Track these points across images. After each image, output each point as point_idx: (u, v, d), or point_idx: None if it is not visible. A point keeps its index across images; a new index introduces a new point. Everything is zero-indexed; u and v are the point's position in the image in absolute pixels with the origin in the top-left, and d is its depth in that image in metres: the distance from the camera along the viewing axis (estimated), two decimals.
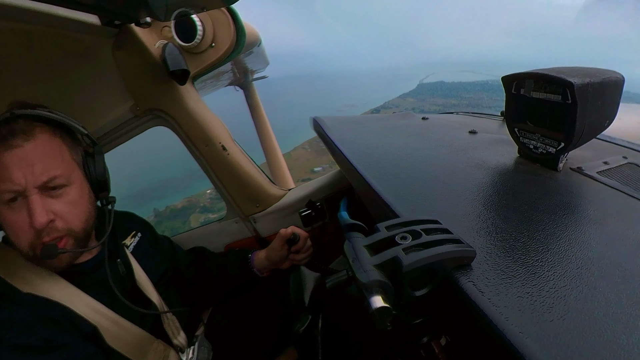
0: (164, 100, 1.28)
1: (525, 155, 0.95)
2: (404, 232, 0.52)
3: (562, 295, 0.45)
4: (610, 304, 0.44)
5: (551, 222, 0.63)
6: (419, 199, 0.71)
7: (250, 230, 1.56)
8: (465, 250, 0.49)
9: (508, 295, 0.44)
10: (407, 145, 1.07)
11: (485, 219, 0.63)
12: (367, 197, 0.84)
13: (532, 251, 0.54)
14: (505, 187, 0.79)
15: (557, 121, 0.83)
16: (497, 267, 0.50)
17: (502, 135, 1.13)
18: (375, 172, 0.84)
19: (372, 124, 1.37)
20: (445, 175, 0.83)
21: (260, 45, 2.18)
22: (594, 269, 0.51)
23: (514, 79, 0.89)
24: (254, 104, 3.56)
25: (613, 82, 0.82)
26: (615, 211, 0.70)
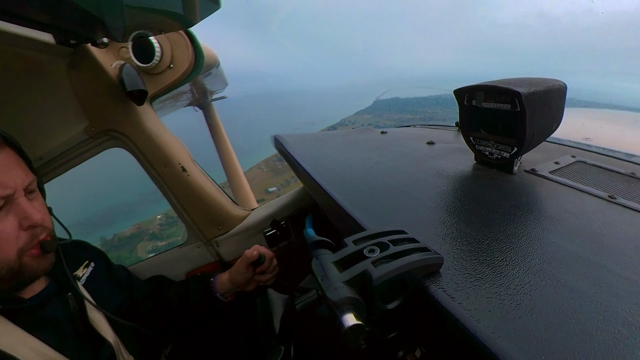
0: (120, 121, 1.24)
1: (482, 162, 1.00)
2: (371, 244, 0.51)
3: (528, 290, 0.47)
4: (573, 292, 0.47)
5: (512, 222, 0.65)
6: (384, 210, 0.72)
7: (212, 254, 1.51)
8: (433, 257, 0.49)
9: (477, 298, 0.45)
10: (369, 159, 1.09)
11: (449, 225, 0.64)
12: (333, 212, 0.84)
13: (496, 252, 0.55)
14: (466, 193, 0.81)
15: (508, 128, 0.89)
16: (465, 271, 0.50)
17: (459, 144, 1.18)
18: (339, 187, 0.85)
19: (333, 140, 1.39)
20: (408, 186, 0.85)
21: (218, 67, 2.18)
22: (555, 262, 0.54)
23: (465, 92, 0.95)
24: (214, 123, 3.56)
25: (557, 89, 0.90)
26: (570, 206, 0.75)
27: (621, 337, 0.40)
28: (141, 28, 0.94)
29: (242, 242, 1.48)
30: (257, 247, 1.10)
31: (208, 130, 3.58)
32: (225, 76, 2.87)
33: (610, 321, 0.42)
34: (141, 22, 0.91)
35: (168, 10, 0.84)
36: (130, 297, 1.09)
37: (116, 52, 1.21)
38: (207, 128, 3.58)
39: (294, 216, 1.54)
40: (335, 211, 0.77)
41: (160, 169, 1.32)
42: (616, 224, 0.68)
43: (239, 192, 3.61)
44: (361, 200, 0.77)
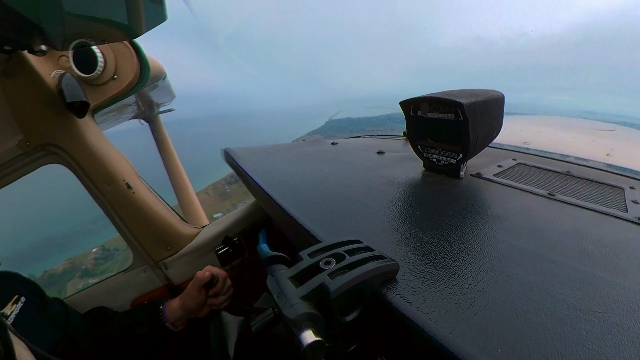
0: (59, 135, 1.14)
1: (430, 168, 1.04)
2: (327, 256, 0.51)
3: (481, 288, 0.48)
4: (522, 285, 0.49)
5: (462, 224, 0.68)
6: (339, 220, 0.72)
7: (161, 278, 1.40)
8: (388, 264, 0.49)
9: (434, 300, 0.45)
10: (321, 170, 1.09)
11: (403, 231, 0.65)
12: (287, 225, 0.83)
13: (449, 253, 0.56)
14: (417, 198, 0.83)
15: (453, 136, 0.94)
16: (421, 275, 0.51)
17: (408, 153, 1.21)
18: (292, 199, 0.84)
19: (284, 152, 1.38)
20: (361, 195, 0.85)
21: (165, 79, 2.10)
22: (504, 258, 0.57)
23: (410, 103, 0.99)
24: (161, 137, 3.37)
25: (495, 99, 0.97)
26: (514, 205, 0.80)
27: (569, 321, 0.43)
28: (83, 37, 0.88)
29: (192, 263, 1.40)
30: (209, 267, 1.04)
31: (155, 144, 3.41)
32: (172, 88, 2.78)
33: (558, 308, 0.45)
34: (83, 31, 0.85)
35: (112, 19, 0.80)
36: (66, 335, 0.97)
37: (55, 61, 1.12)
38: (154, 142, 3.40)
39: (247, 232, 1.49)
40: (289, 224, 0.76)
41: (103, 186, 1.23)
42: (557, 219, 0.73)
43: (188, 209, 3.45)
44: (315, 212, 0.76)
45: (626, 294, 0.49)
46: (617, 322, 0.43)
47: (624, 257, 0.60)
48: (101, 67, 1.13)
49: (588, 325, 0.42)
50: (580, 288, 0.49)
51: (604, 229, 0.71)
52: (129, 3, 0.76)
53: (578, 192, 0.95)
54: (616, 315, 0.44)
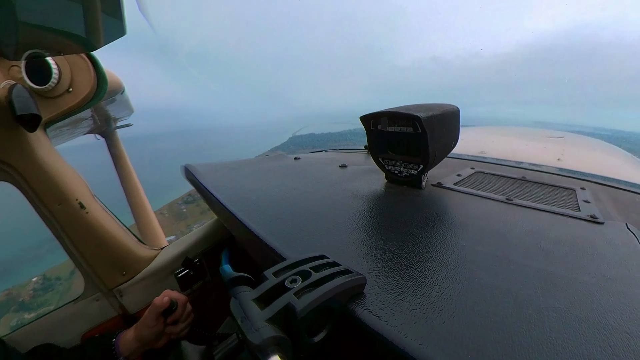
0: (6, 150, 1.04)
1: (393, 180, 1.05)
2: (293, 274, 0.49)
3: (448, 295, 0.48)
4: (487, 289, 0.50)
5: (426, 233, 0.68)
6: (304, 236, 0.70)
7: (115, 307, 1.27)
8: (356, 279, 0.48)
9: (402, 312, 0.45)
10: (284, 185, 1.08)
11: (368, 244, 0.65)
12: (250, 244, 0.80)
13: (415, 263, 0.56)
14: (381, 210, 0.83)
15: (413, 148, 0.97)
16: (388, 287, 0.50)
17: (370, 166, 1.22)
18: (255, 216, 0.81)
19: (246, 167, 1.35)
20: (325, 209, 0.85)
21: (123, 93, 2.01)
22: (468, 263, 0.57)
23: (370, 118, 1.01)
24: (118, 153, 3.23)
25: (451, 112, 1.01)
26: (475, 212, 0.82)
27: (534, 320, 0.44)
28: (37, 47, 0.82)
29: (150, 288, 1.30)
30: (167, 292, 0.97)
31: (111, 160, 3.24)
32: (130, 103, 2.67)
33: (523, 308, 0.46)
34: (38, 41, 0.79)
35: (69, 31, 0.75)
36: None
37: (6, 71, 1.03)
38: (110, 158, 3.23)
39: (209, 252, 1.41)
40: (253, 242, 0.74)
41: (54, 206, 1.12)
42: (516, 222, 0.75)
43: (146, 230, 3.28)
44: (279, 229, 0.74)
45: (584, 288, 0.52)
46: (578, 315, 0.45)
47: (579, 253, 0.63)
48: (55, 79, 1.06)
49: (552, 322, 0.43)
50: (542, 286, 0.51)
51: (560, 229, 0.75)
52: (87, 15, 0.72)
53: (534, 196, 0.99)
54: (576, 309, 0.46)
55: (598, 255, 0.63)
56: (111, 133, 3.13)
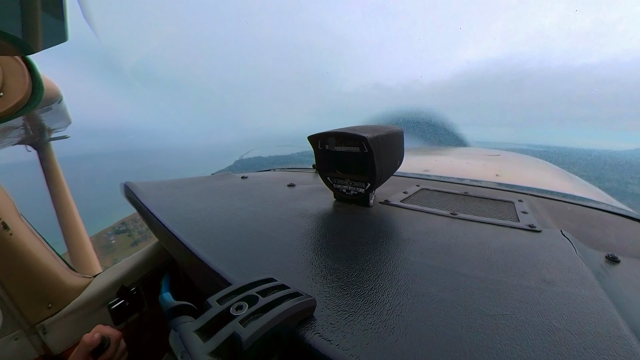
0: None
1: (341, 199, 1.05)
2: (239, 300, 0.46)
3: (399, 312, 0.48)
4: (438, 302, 0.50)
5: (375, 250, 0.68)
6: (251, 258, 0.67)
7: (37, 347, 1.07)
8: (305, 301, 0.46)
9: (354, 334, 0.43)
10: (231, 205, 1.04)
11: (318, 264, 0.63)
12: (193, 268, 0.74)
13: (365, 282, 0.55)
14: (330, 229, 0.82)
15: (360, 167, 0.99)
16: (339, 308, 0.48)
17: (318, 185, 1.22)
18: (199, 238, 0.77)
19: (191, 187, 1.29)
20: (273, 230, 0.82)
21: (61, 102, 1.85)
22: (418, 278, 0.57)
23: (318, 138, 1.01)
24: (51, 167, 2.93)
25: (395, 132, 1.04)
26: (422, 227, 0.84)
27: (482, 329, 0.44)
28: None
29: (79, 323, 1.13)
30: (99, 327, 0.87)
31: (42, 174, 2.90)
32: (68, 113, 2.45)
33: (472, 318, 0.46)
34: None
35: (4, 31, 0.68)
36: None
37: None
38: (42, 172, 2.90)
39: (148, 279, 1.28)
40: (196, 267, 0.69)
41: None
42: (461, 235, 0.78)
43: (78, 255, 2.95)
44: (225, 251, 0.70)
45: (527, 293, 0.54)
46: (524, 320, 0.46)
47: (521, 260, 0.67)
48: None
49: (499, 329, 0.44)
50: (488, 295, 0.52)
51: (502, 239, 0.78)
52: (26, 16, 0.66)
53: (476, 210, 1.03)
54: (522, 314, 0.48)
55: (538, 261, 0.67)
56: (45, 145, 2.85)
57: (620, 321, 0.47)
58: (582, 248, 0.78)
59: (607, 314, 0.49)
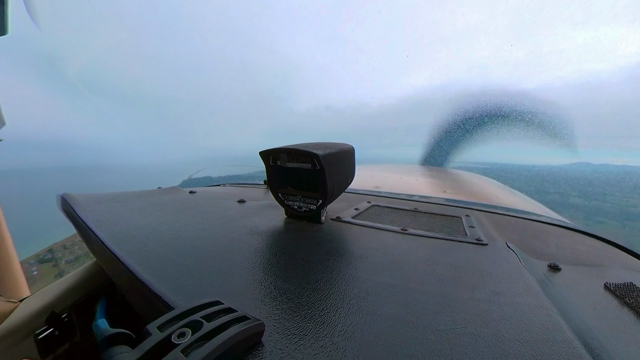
0: None
1: (292, 215, 1.04)
2: (181, 327, 0.43)
3: (351, 333, 0.47)
4: (390, 320, 0.50)
5: (327, 268, 0.67)
6: (196, 280, 0.63)
7: None
8: (253, 326, 0.44)
9: (305, 359, 0.41)
10: (177, 221, 0.99)
11: (267, 284, 0.61)
12: (133, 291, 0.68)
13: (316, 302, 0.54)
14: (280, 247, 0.80)
15: (312, 183, 0.99)
16: (288, 332, 0.46)
17: (269, 201, 1.20)
18: (141, 257, 0.71)
19: (135, 201, 1.22)
20: (221, 248, 0.78)
21: None
22: (370, 296, 0.57)
23: (270, 154, 1.00)
24: None
25: (347, 150, 1.05)
26: (373, 243, 0.84)
27: (434, 344, 0.44)
28: None
29: (1, 356, 0.98)
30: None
31: None
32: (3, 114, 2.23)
33: (424, 334, 0.46)
34: None
35: None
36: None
37: None
38: None
39: (81, 304, 1.13)
40: (136, 289, 0.63)
41: None
42: (411, 250, 0.79)
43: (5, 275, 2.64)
44: (168, 272, 0.66)
45: (477, 305, 0.55)
46: (474, 332, 0.47)
47: (470, 273, 0.69)
48: None
49: (452, 343, 0.45)
50: (440, 310, 0.53)
51: (451, 253, 0.81)
52: None
53: (426, 225, 1.06)
54: (473, 327, 0.49)
55: (486, 273, 0.69)
56: None
57: (564, 326, 0.50)
58: (526, 258, 0.83)
59: (552, 320, 0.52)
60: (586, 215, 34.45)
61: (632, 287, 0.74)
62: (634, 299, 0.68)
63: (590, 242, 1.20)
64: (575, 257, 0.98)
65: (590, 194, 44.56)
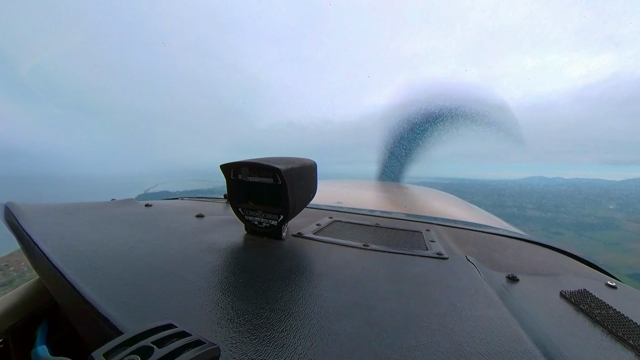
0: None
1: (253, 231, 1.03)
2: (130, 353, 0.40)
3: (312, 356, 0.45)
4: (353, 339, 0.49)
5: (287, 287, 0.65)
6: (148, 301, 0.59)
7: None
8: (208, 350, 0.42)
9: None
10: (131, 236, 0.94)
11: (224, 305, 0.58)
12: (78, 314, 0.63)
13: (276, 323, 0.52)
14: (239, 265, 0.78)
15: (273, 198, 0.99)
16: (246, 356, 0.45)
17: (229, 216, 1.18)
18: (90, 275, 0.66)
19: (87, 213, 1.15)
20: (177, 266, 0.75)
21: None
22: (331, 315, 0.56)
23: (231, 167, 0.99)
24: None
25: (309, 166, 1.06)
26: (335, 260, 0.84)
27: None
28: None
29: None
30: None
31: None
32: None
33: (388, 352, 0.46)
34: None
35: None
36: None
37: None
38: None
39: (20, 328, 0.99)
40: (82, 312, 0.59)
41: None
42: (373, 266, 0.79)
43: None
44: (118, 292, 0.61)
45: (438, 320, 0.56)
46: (436, 348, 0.48)
47: (432, 288, 0.70)
48: None
49: None
50: (402, 327, 0.53)
51: (413, 268, 0.82)
52: None
53: (387, 240, 1.07)
54: (435, 342, 0.49)
55: (447, 287, 0.71)
56: None
57: (523, 336, 0.52)
58: (486, 271, 0.85)
59: (512, 331, 0.53)
60: (544, 227, 36.29)
61: (586, 293, 0.78)
62: (587, 305, 0.73)
63: (545, 252, 1.27)
64: (532, 267, 1.03)
65: (546, 206, 47.05)
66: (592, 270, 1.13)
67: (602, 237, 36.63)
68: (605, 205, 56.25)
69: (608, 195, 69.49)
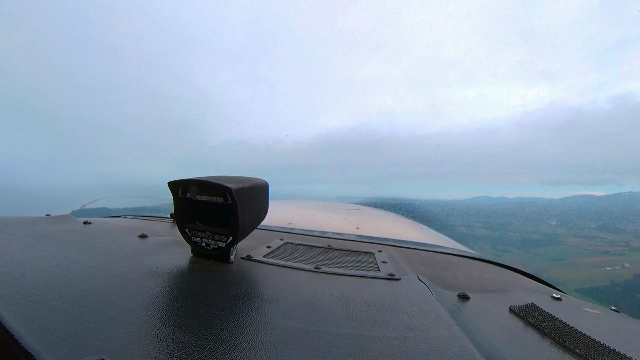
0: None
1: (199, 254, 0.99)
2: None
3: None
4: None
5: (233, 315, 0.62)
6: (79, 332, 0.53)
7: None
8: None
9: None
10: (64, 257, 0.85)
11: (164, 336, 0.54)
12: None
13: (220, 355, 0.49)
14: (182, 291, 0.73)
15: (223, 219, 0.95)
16: None
17: (174, 237, 1.13)
18: (13, 301, 0.58)
19: (15, 229, 1.06)
20: (114, 292, 0.68)
21: None
22: (280, 344, 0.53)
23: (179, 184, 0.95)
24: None
25: (260, 185, 1.04)
26: (285, 284, 0.82)
27: None
28: None
29: None
30: None
31: None
32: None
33: None
34: None
35: None
36: None
37: None
38: None
39: None
40: (1, 344, 0.52)
41: None
42: (324, 290, 0.78)
43: None
44: (46, 321, 0.54)
45: (391, 344, 0.55)
46: None
47: (384, 310, 0.69)
48: None
49: None
50: (355, 353, 0.51)
51: (365, 290, 0.81)
52: None
53: (339, 262, 1.06)
54: None
55: (399, 309, 0.70)
56: None
57: (476, 354, 0.52)
58: (437, 290, 0.86)
59: (465, 350, 0.53)
60: (493, 245, 38.05)
61: (533, 307, 0.82)
62: (535, 318, 0.76)
63: (493, 269, 1.32)
64: (481, 284, 1.06)
65: (493, 225, 49.49)
66: (538, 284, 1.20)
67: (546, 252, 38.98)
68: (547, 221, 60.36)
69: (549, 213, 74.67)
